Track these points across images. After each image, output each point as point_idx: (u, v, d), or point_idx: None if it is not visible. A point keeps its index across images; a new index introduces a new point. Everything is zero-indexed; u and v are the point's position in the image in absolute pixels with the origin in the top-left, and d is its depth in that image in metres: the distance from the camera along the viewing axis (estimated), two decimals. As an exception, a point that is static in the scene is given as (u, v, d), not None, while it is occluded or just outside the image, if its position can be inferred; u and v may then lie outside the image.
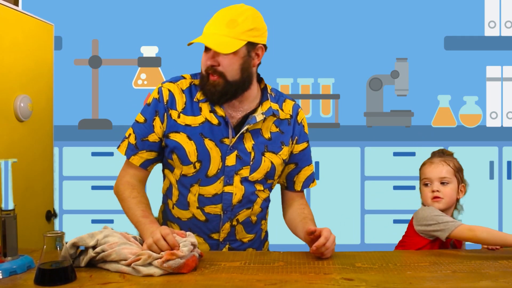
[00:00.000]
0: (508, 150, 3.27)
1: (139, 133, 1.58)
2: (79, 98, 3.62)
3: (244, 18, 1.47)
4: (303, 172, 1.70)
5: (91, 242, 1.28)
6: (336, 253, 1.48)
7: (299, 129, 1.66)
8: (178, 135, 1.55)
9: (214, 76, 1.50)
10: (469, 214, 3.24)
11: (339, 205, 3.24)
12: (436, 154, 1.75)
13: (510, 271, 1.29)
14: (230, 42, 1.46)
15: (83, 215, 3.23)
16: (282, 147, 1.62)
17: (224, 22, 1.47)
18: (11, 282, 1.19)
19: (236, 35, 1.46)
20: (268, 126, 1.60)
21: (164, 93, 1.57)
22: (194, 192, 1.56)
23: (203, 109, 1.56)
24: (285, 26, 3.68)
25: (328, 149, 3.29)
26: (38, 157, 2.16)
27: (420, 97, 3.65)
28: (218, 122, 1.55)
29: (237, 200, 1.57)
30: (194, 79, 1.61)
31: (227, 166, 1.55)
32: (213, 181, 1.55)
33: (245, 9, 1.50)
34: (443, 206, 1.67)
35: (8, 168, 1.28)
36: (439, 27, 3.66)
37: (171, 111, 1.56)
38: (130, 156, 1.59)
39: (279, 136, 1.61)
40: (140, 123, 1.59)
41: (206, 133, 1.54)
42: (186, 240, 1.32)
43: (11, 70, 1.95)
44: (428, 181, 1.69)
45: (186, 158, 1.54)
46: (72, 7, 3.65)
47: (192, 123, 1.55)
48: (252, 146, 1.57)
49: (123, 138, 1.63)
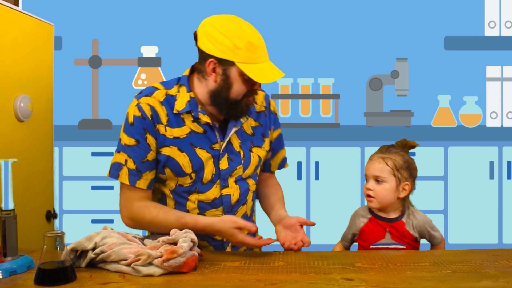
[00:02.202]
0: (508, 150, 3.27)
1: (136, 156, 1.51)
2: (79, 98, 3.62)
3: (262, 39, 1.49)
4: (278, 155, 1.77)
5: (89, 245, 1.28)
6: (336, 253, 1.48)
7: (273, 118, 1.71)
8: (168, 149, 1.52)
9: (250, 98, 1.52)
10: (469, 214, 3.25)
11: (339, 205, 3.24)
12: (379, 150, 1.70)
13: (510, 271, 1.29)
14: None
15: (83, 215, 3.23)
16: (264, 139, 1.66)
17: (265, 45, 1.48)
18: (11, 282, 1.19)
19: None
20: (248, 122, 1.63)
21: (145, 109, 1.50)
22: (193, 200, 1.56)
23: (185, 120, 1.53)
24: (285, 26, 3.68)
25: (328, 149, 3.30)
26: (38, 157, 2.16)
27: (420, 97, 3.65)
28: (204, 130, 1.54)
29: (235, 200, 1.59)
30: (167, 89, 1.55)
31: (222, 170, 1.56)
32: (210, 186, 1.56)
33: None
34: (375, 205, 1.66)
35: (8, 168, 1.28)
36: (439, 27, 3.66)
37: (158, 126, 1.51)
38: (135, 182, 1.52)
39: (259, 129, 1.65)
40: (133, 146, 1.51)
41: (195, 142, 1.53)
42: (186, 236, 1.32)
43: (11, 70, 1.95)
44: (366, 176, 1.70)
45: (180, 170, 1.53)
46: (72, 7, 3.65)
47: (180, 134, 1.52)
48: (239, 145, 1.59)
49: (119, 166, 1.53)
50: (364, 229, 1.67)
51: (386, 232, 1.65)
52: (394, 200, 1.65)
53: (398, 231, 1.65)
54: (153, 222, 1.51)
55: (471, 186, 3.28)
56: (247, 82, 1.47)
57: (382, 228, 1.65)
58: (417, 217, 1.67)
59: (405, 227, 1.65)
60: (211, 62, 1.46)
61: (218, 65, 1.46)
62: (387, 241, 1.64)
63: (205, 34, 1.46)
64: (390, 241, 1.64)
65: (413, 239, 1.66)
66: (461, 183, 3.27)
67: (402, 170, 1.65)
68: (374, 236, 1.65)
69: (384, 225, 1.65)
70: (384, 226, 1.65)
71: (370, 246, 1.65)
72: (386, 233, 1.65)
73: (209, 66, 1.47)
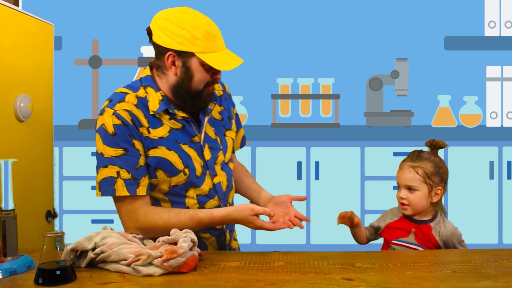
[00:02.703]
0: (508, 150, 3.27)
1: (128, 165, 1.47)
2: (79, 98, 3.62)
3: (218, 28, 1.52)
4: (238, 134, 1.80)
5: (89, 245, 1.28)
6: (336, 253, 1.48)
7: (229, 99, 1.75)
8: (157, 150, 1.50)
9: (210, 87, 1.54)
10: (470, 214, 3.25)
11: (339, 205, 3.23)
12: (409, 158, 1.70)
13: (510, 271, 1.29)
14: None
15: (83, 215, 3.23)
16: (231, 121, 1.71)
17: (221, 34, 1.51)
18: (11, 282, 1.19)
19: None
20: (215, 109, 1.66)
21: (124, 115, 1.46)
22: (191, 195, 1.57)
23: (162, 119, 1.52)
24: (285, 26, 3.68)
25: (328, 149, 3.30)
26: (38, 157, 2.16)
27: (420, 97, 3.65)
28: (182, 126, 1.55)
29: (225, 186, 1.64)
30: (135, 92, 1.53)
31: (207, 160, 1.59)
32: (203, 179, 1.58)
33: None
34: (409, 213, 1.67)
35: (8, 168, 1.28)
36: (439, 27, 3.66)
37: (141, 130, 1.48)
38: (135, 191, 1.48)
39: (225, 113, 1.69)
40: (122, 155, 1.46)
41: (178, 139, 1.54)
42: (186, 236, 1.32)
43: (11, 70, 1.95)
44: (398, 185, 1.70)
45: (173, 168, 1.52)
46: (72, 7, 3.65)
47: (163, 134, 1.52)
48: (214, 132, 1.63)
49: (112, 180, 1.47)
50: (392, 225, 1.71)
51: (411, 232, 1.66)
52: (427, 206, 1.67)
53: (424, 234, 1.65)
54: (166, 226, 1.46)
55: (471, 186, 3.28)
56: (208, 71, 1.48)
57: (409, 227, 1.67)
58: (446, 227, 1.66)
59: (431, 231, 1.65)
60: (170, 55, 1.47)
61: (177, 57, 1.47)
62: (410, 240, 1.65)
63: (160, 28, 1.47)
64: (412, 241, 1.65)
65: (437, 246, 1.65)
66: (461, 183, 3.27)
67: (433, 177, 1.65)
68: (398, 233, 1.67)
69: (411, 225, 1.67)
70: (411, 226, 1.67)
71: (391, 241, 1.67)
72: (411, 233, 1.66)
73: (168, 59, 1.48)
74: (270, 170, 3.27)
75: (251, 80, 3.63)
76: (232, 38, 3.72)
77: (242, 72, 3.67)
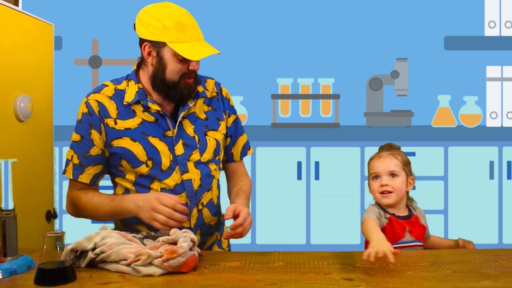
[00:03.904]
0: (508, 150, 3.27)
1: (79, 151, 1.59)
2: (79, 98, 3.60)
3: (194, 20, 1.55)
4: (238, 142, 1.79)
5: (89, 245, 1.29)
6: (336, 253, 1.48)
7: (227, 103, 1.75)
8: (121, 140, 1.56)
9: (190, 80, 1.56)
10: (469, 214, 3.25)
11: (339, 205, 3.24)
12: (384, 148, 1.75)
13: (510, 271, 1.29)
14: None
15: (83, 215, 3.23)
16: (220, 122, 1.71)
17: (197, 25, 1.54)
18: (11, 282, 1.19)
19: None
20: (200, 108, 1.67)
21: (93, 105, 1.58)
22: (156, 188, 1.58)
23: (136, 111, 1.58)
24: (285, 26, 3.68)
25: (328, 149, 3.30)
26: (38, 157, 2.16)
27: (420, 97, 3.65)
28: (155, 119, 1.58)
29: (197, 184, 1.62)
30: (116, 85, 1.62)
31: (178, 156, 1.59)
32: (170, 173, 1.59)
33: None
34: (393, 200, 1.66)
35: (8, 168, 1.28)
36: (439, 27, 3.66)
37: (106, 120, 1.57)
38: (78, 176, 1.60)
39: (213, 113, 1.69)
40: (78, 142, 1.59)
41: (148, 131, 1.57)
42: (186, 236, 1.32)
43: (11, 70, 1.95)
44: (377, 174, 1.70)
45: (136, 159, 1.56)
46: (72, 7, 3.65)
47: (131, 125, 1.57)
48: (193, 130, 1.63)
49: (67, 161, 1.62)
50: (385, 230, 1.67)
51: (405, 230, 1.66)
52: (404, 194, 1.69)
53: (416, 226, 1.68)
54: (88, 203, 1.57)
55: (471, 186, 3.28)
56: (180, 62, 1.52)
57: (402, 227, 1.66)
58: (419, 208, 1.75)
59: (419, 221, 1.70)
60: (145, 46, 1.55)
61: (152, 48, 1.54)
62: (407, 239, 1.65)
63: (139, 21, 1.56)
64: (410, 239, 1.66)
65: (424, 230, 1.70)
66: (461, 183, 3.27)
67: (408, 165, 1.71)
68: (395, 236, 1.66)
69: (403, 224, 1.67)
70: (403, 225, 1.67)
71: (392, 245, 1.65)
72: (406, 232, 1.66)
73: (145, 50, 1.55)
74: (270, 170, 3.28)
75: (251, 80, 3.63)
76: (232, 38, 3.74)
77: (242, 72, 3.68)
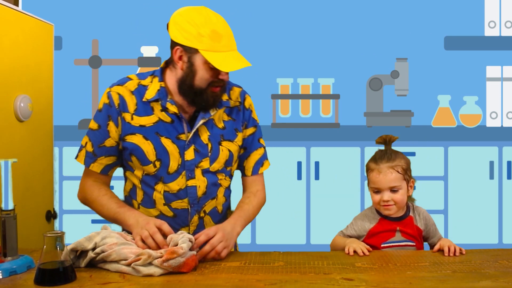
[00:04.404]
0: (508, 150, 3.27)
1: (95, 140, 1.59)
2: (79, 98, 3.62)
3: (229, 29, 1.51)
4: (252, 156, 1.73)
5: (89, 245, 1.28)
6: (336, 253, 1.48)
7: (248, 114, 1.70)
8: (134, 136, 1.56)
9: (217, 88, 1.54)
10: (469, 214, 3.25)
11: (339, 205, 3.24)
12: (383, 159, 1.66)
13: (510, 271, 1.29)
14: None
15: (83, 215, 3.22)
16: (237, 133, 1.66)
17: (232, 35, 1.51)
18: (11, 282, 1.19)
19: None
20: (220, 116, 1.63)
21: (114, 97, 1.57)
22: (159, 189, 1.58)
23: (155, 109, 1.57)
24: (285, 26, 3.68)
25: (328, 149, 3.29)
26: (38, 157, 2.16)
27: (420, 97, 3.65)
28: (171, 120, 1.57)
29: (201, 192, 1.60)
30: (141, 79, 1.61)
31: (187, 161, 1.57)
32: (175, 177, 1.57)
33: None
34: (394, 211, 1.65)
35: (8, 168, 1.28)
36: (439, 27, 3.66)
37: (124, 114, 1.56)
38: (90, 164, 1.60)
39: (232, 124, 1.66)
40: (95, 130, 1.59)
41: (161, 131, 1.56)
42: (183, 236, 1.32)
43: (11, 70, 1.95)
44: (378, 189, 1.65)
45: (145, 158, 1.56)
46: (72, 7, 3.65)
47: (146, 123, 1.56)
48: (208, 138, 1.60)
49: (80, 147, 1.63)
50: (374, 230, 1.66)
51: (396, 231, 1.65)
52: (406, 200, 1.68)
53: (409, 227, 1.66)
54: (97, 199, 1.58)
55: (471, 186, 3.27)
56: (211, 70, 1.50)
57: (392, 227, 1.65)
58: (421, 211, 1.71)
59: (414, 222, 1.67)
60: (177, 49, 1.52)
61: (184, 52, 1.51)
62: (398, 239, 1.65)
63: (174, 23, 1.52)
64: (400, 239, 1.64)
65: (420, 233, 1.68)
66: (461, 183, 3.27)
67: (408, 171, 1.67)
68: (384, 236, 1.65)
69: (394, 224, 1.66)
70: (394, 225, 1.65)
71: (381, 245, 1.65)
72: (396, 232, 1.65)
73: (176, 53, 1.52)
74: (270, 170, 3.26)
75: (251, 80, 3.62)
76: (232, 38, 3.73)
77: (242, 72, 3.67)
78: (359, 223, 1.68)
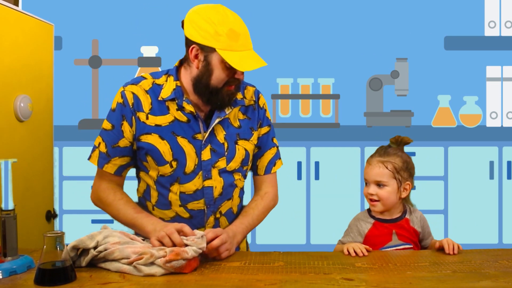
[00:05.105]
0: (508, 150, 3.27)
1: (108, 141, 1.56)
2: (79, 98, 3.62)
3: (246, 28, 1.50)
4: (265, 155, 1.72)
5: (91, 243, 1.28)
6: (336, 253, 1.48)
7: (262, 113, 1.69)
8: (149, 136, 1.53)
9: (231, 87, 1.51)
10: (469, 214, 3.25)
11: (339, 205, 3.24)
12: (377, 153, 1.69)
13: (510, 271, 1.29)
14: None
15: (83, 215, 3.23)
16: (253, 132, 1.65)
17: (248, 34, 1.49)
18: (11, 282, 1.19)
19: None
20: (235, 115, 1.62)
21: (128, 96, 1.54)
22: (175, 191, 1.56)
23: (170, 108, 1.55)
24: (285, 26, 3.68)
25: (328, 149, 3.29)
26: (38, 157, 2.16)
27: (420, 97, 3.65)
28: (187, 119, 1.55)
29: (218, 192, 1.58)
30: (155, 79, 1.58)
31: (203, 161, 1.55)
32: (192, 177, 1.55)
33: None
34: (379, 209, 1.64)
35: (8, 168, 1.28)
36: (439, 27, 3.66)
37: (139, 114, 1.53)
38: (103, 165, 1.58)
39: (247, 122, 1.64)
40: (108, 130, 1.56)
41: (177, 131, 1.54)
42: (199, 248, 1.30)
43: (11, 70, 1.95)
44: (366, 181, 1.68)
45: (161, 158, 1.53)
46: (72, 7, 3.65)
47: (162, 122, 1.54)
48: (224, 137, 1.58)
49: (93, 148, 1.60)
50: (369, 235, 1.64)
51: (392, 234, 1.63)
52: (396, 201, 1.65)
53: (405, 229, 1.64)
54: (113, 203, 1.56)
55: (471, 186, 3.27)
56: (227, 69, 1.48)
57: (388, 231, 1.63)
58: (417, 213, 1.70)
59: (410, 224, 1.65)
60: (193, 48, 1.48)
61: (200, 51, 1.48)
62: (395, 243, 1.63)
63: (190, 21, 1.48)
64: (397, 242, 1.63)
65: (418, 235, 1.66)
66: (461, 183, 3.27)
67: (402, 172, 1.64)
68: (381, 240, 1.63)
69: (390, 227, 1.64)
70: (390, 228, 1.63)
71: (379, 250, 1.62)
72: (393, 235, 1.63)
73: (192, 52, 1.49)
74: (270, 170, 3.27)
75: (251, 80, 3.62)
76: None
77: (242, 72, 3.67)
78: (354, 229, 1.67)
